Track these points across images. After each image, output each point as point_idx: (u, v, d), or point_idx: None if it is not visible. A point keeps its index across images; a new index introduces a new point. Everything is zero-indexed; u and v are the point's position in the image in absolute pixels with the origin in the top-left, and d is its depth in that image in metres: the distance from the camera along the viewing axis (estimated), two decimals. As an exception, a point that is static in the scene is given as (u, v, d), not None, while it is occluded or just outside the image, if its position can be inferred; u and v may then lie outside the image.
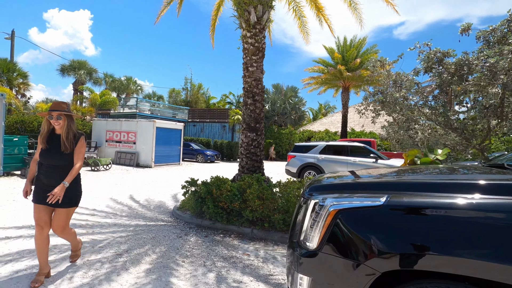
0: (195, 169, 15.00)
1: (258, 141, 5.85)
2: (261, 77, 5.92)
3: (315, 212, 1.74)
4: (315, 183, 2.09)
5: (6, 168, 9.41)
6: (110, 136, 16.37)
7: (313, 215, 1.75)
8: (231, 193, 4.61)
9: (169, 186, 9.08)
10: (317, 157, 10.89)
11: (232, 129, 25.48)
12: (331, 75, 17.31)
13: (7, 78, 18.87)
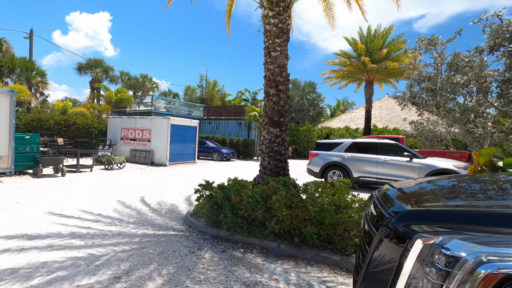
0: (210, 168, 14.40)
1: (283, 137, 5.05)
2: (285, 63, 5.11)
3: (431, 264, 0.93)
4: (408, 205, 1.27)
5: (18, 167, 9.12)
6: (125, 134, 16.06)
7: (426, 268, 0.94)
8: (253, 199, 3.85)
9: (183, 187, 8.46)
10: (343, 156, 9.94)
11: (248, 126, 24.76)
12: (354, 67, 16.16)
13: (26, 77, 19.02)
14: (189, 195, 7.42)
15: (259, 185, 4.11)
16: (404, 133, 25.66)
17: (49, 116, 15.22)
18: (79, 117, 16.78)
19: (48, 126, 14.92)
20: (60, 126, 15.47)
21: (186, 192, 7.79)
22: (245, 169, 14.37)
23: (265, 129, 5.13)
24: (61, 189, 7.34)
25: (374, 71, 16.14)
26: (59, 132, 15.36)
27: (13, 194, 6.42)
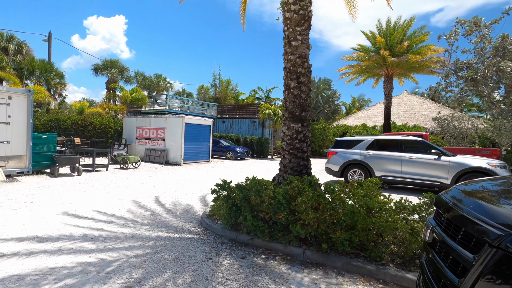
0: (225, 167, 14.16)
1: (305, 133, 4.68)
2: (307, 53, 4.72)
3: None
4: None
5: (35, 166, 9.17)
6: (140, 133, 16.09)
7: None
8: (275, 201, 3.50)
9: (198, 186, 8.23)
10: (364, 154, 9.42)
11: (262, 125, 24.43)
12: (373, 62, 15.47)
13: (45, 79, 19.44)
14: (204, 195, 7.17)
15: (280, 185, 3.76)
16: (425, 130, 24.59)
17: (66, 116, 15.43)
18: (95, 117, 16.96)
19: (65, 126, 15.13)
20: (77, 126, 15.66)
21: (201, 191, 7.54)
22: (260, 168, 14.06)
23: (285, 124, 4.77)
24: (76, 188, 7.26)
25: (394, 65, 15.39)
26: (76, 132, 15.55)
27: (29, 194, 6.36)
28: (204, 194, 7.27)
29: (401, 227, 3.19)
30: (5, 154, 8.55)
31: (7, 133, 8.60)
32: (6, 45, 19.33)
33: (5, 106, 8.55)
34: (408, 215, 3.37)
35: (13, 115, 8.70)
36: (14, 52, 19.51)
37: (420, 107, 30.92)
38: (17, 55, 19.56)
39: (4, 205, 5.35)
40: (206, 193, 7.32)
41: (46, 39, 21.27)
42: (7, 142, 8.59)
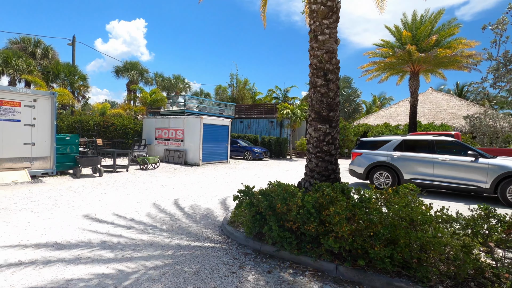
0: (243, 168, 13.94)
1: (333, 135, 4.32)
2: (335, 48, 4.36)
3: None
4: None
5: (59, 168, 9.34)
6: (159, 134, 16.20)
7: None
8: (304, 210, 3.18)
9: (217, 189, 8.03)
10: (391, 155, 8.87)
11: (280, 125, 24.05)
12: (398, 58, 14.68)
13: (69, 81, 20.07)
14: (224, 198, 6.95)
15: (309, 192, 3.43)
16: (453, 129, 23.25)
17: (89, 117, 15.80)
18: (116, 118, 17.28)
19: (88, 127, 15.48)
20: (99, 127, 16.00)
21: (221, 194, 7.33)
22: (280, 169, 13.71)
23: (311, 125, 4.43)
24: (97, 190, 7.26)
25: (421, 61, 14.53)
26: (98, 133, 15.89)
27: (52, 196, 6.40)
28: (224, 197, 7.05)
29: (451, 243, 2.78)
30: (30, 155, 8.75)
31: (32, 135, 8.81)
32: (34, 49, 20.13)
33: (31, 109, 8.75)
34: (458, 230, 2.94)
35: (38, 117, 8.89)
36: (41, 56, 20.28)
37: (446, 105, 29.37)
38: (44, 59, 20.32)
39: (27, 207, 5.36)
40: (226, 196, 7.10)
41: (70, 43, 21.98)
42: (33, 144, 8.79)
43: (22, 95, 8.61)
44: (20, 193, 6.56)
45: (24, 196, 6.27)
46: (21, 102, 8.57)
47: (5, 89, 8.39)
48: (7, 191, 6.68)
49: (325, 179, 4.24)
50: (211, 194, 7.35)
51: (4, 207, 5.32)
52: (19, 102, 8.55)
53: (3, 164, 8.30)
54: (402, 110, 31.16)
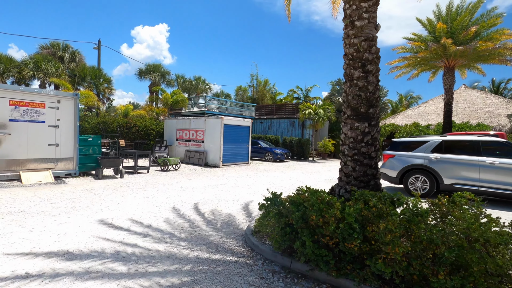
0: (265, 170, 13.47)
1: (373, 135, 3.75)
2: (374, 35, 3.79)
3: None
4: None
5: (82, 169, 9.35)
6: (180, 135, 16.14)
7: None
8: (344, 225, 2.66)
9: (239, 192, 7.62)
10: (429, 157, 8.04)
11: (302, 125, 23.36)
12: (431, 52, 13.58)
13: (95, 84, 20.62)
14: (246, 202, 6.52)
15: (349, 203, 2.90)
16: (491, 129, 21.44)
17: (112, 119, 16.03)
18: (138, 120, 17.44)
19: (112, 128, 15.70)
20: (122, 128, 16.19)
21: (243, 198, 6.91)
22: (303, 171, 13.10)
23: (347, 124, 3.88)
24: (117, 192, 7.08)
25: (458, 55, 13.34)
26: (121, 134, 16.07)
27: (71, 198, 6.27)
28: (246, 202, 6.62)
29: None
30: (54, 156, 8.81)
31: (56, 136, 8.86)
32: (62, 54, 20.88)
33: (55, 110, 8.81)
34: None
35: (62, 118, 8.94)
36: (68, 60, 21.01)
37: (482, 103, 27.29)
38: (71, 63, 21.02)
39: (46, 210, 5.22)
40: (248, 201, 6.67)
41: (96, 47, 22.62)
42: (56, 145, 8.84)
43: (47, 97, 8.68)
44: (41, 194, 6.51)
45: (45, 197, 6.19)
46: (46, 104, 8.64)
47: (31, 91, 8.50)
48: (30, 192, 6.65)
49: (363, 186, 3.68)
50: (233, 198, 6.95)
51: (23, 209, 5.21)
52: (44, 104, 8.62)
53: (28, 165, 8.39)
54: (432, 109, 29.33)
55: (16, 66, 18.06)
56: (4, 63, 17.59)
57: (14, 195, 6.37)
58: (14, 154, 8.11)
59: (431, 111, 28.96)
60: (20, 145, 8.20)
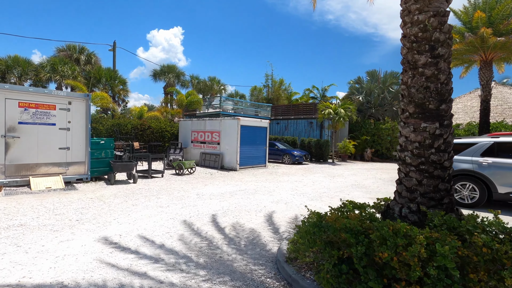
0: (284, 173, 12.66)
1: (446, 138, 2.89)
2: (445, 9, 2.95)
3: None
4: None
5: (94, 173, 8.89)
6: (195, 136, 15.59)
7: None
8: (435, 270, 1.84)
9: (260, 200, 6.86)
10: (478, 162, 7.00)
11: (320, 126, 22.37)
12: (466, 44, 12.36)
13: (110, 85, 20.47)
14: (269, 213, 5.75)
15: (434, 234, 2.08)
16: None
17: (127, 121, 15.69)
18: (153, 121, 17.05)
19: (126, 131, 15.35)
20: (137, 130, 15.82)
21: (265, 208, 6.15)
22: (325, 175, 12.18)
23: (408, 125, 3.04)
24: (128, 200, 6.50)
25: (498, 47, 12.07)
26: (136, 136, 15.70)
27: (79, 208, 5.71)
28: (269, 212, 5.86)
29: None
30: (65, 160, 8.37)
31: (67, 139, 8.42)
32: (78, 56, 20.88)
33: (65, 112, 8.38)
34: None
35: (73, 120, 8.49)
36: (84, 62, 20.98)
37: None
38: (87, 65, 20.98)
39: (48, 223, 4.66)
40: (271, 211, 5.91)
41: (111, 48, 22.54)
42: (67, 148, 8.40)
43: (57, 98, 8.25)
44: (48, 203, 5.99)
45: (51, 207, 5.66)
46: (56, 105, 8.22)
47: (40, 92, 8.09)
48: (36, 200, 6.16)
49: (434, 205, 2.83)
50: (254, 207, 6.20)
51: (24, 222, 4.67)
52: (54, 105, 8.19)
53: (38, 170, 7.97)
54: (459, 107, 27.51)
55: (33, 69, 18.12)
56: (22, 66, 17.67)
57: (20, 203, 5.88)
58: (23, 158, 7.70)
59: (459, 110, 27.19)
60: (30, 149, 7.79)
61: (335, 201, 7.01)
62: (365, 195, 8.19)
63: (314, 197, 7.65)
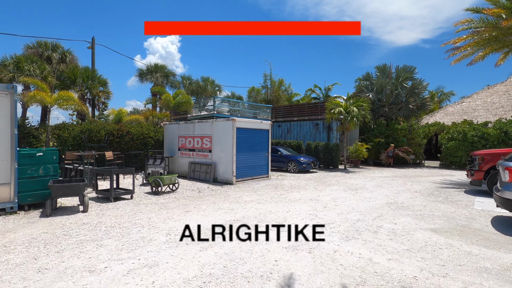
0: (292, 186, 9.99)
1: None
2: None
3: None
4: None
5: (26, 199, 6.21)
6: (183, 143, 12.94)
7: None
8: None
9: (268, 244, 4.18)
10: None
11: (327, 128, 19.77)
12: (508, 26, 9.86)
13: (87, 87, 17.85)
14: (286, 279, 3.08)
15: None
16: None
17: (100, 126, 13.03)
18: (133, 126, 14.39)
19: (99, 138, 12.68)
20: (113, 137, 13.15)
21: (278, 267, 3.47)
22: (343, 188, 9.44)
23: None
24: (50, 254, 3.83)
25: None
26: (111, 144, 13.03)
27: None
28: (286, 277, 3.19)
29: None
30: (-23, 182, 5.70)
31: (-19, 151, 5.77)
32: (50, 54, 18.29)
33: (-23, 111, 5.74)
34: None
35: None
36: (58, 61, 18.39)
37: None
38: (61, 64, 18.38)
39: None
40: (290, 275, 3.23)
41: (89, 46, 19.99)
42: (-19, 165, 5.74)
43: (-37, 91, 5.62)
44: None
45: None
46: (-40, 102, 5.58)
47: None
48: None
49: None
50: (259, 266, 3.52)
51: None
52: (-42, 102, 5.56)
53: None
54: (478, 104, 25.03)
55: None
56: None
57: None
58: None
59: (478, 107, 24.70)
60: None
61: (384, 240, 4.35)
62: (419, 223, 5.56)
63: (348, 230, 5.00)
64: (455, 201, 7.91)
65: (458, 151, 17.59)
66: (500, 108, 23.34)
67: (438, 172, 15.99)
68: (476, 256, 3.98)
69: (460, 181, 11.91)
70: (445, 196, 8.63)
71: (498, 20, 10.99)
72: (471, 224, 5.61)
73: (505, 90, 24.82)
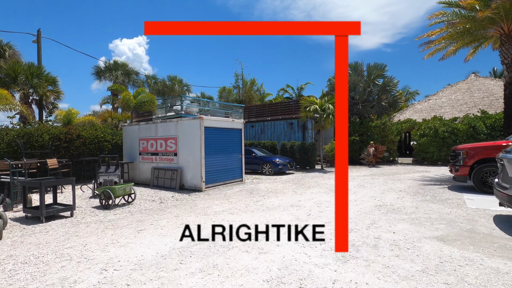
0: (269, 190, 8.92)
1: None
2: None
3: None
4: None
5: None
6: (144, 146, 11.38)
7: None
8: None
9: (243, 275, 3.03)
10: None
11: (302, 127, 19.10)
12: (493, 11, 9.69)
13: (31, 85, 15.50)
14: None
15: None
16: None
17: (43, 129, 11.06)
18: (85, 129, 12.50)
19: (41, 143, 10.72)
20: (59, 141, 11.23)
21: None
22: (324, 190, 8.54)
23: None
24: None
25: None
26: (57, 150, 11.12)
27: None
28: None
29: None
30: None
31: None
32: (-16, 48, 15.69)
33: None
34: None
35: None
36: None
37: (502, 92, 24.03)
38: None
39: None
40: None
41: (35, 40, 17.58)
42: None
43: None
44: None
45: None
46: None
47: None
48: None
49: None
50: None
51: None
52: None
53: None
54: (444, 101, 25.91)
55: None
56: None
57: None
58: None
59: (444, 104, 25.52)
60: None
61: (389, 258, 3.38)
62: (420, 229, 4.72)
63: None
64: (445, 199, 7.31)
65: (430, 147, 17.71)
66: (464, 104, 24.27)
67: (413, 168, 15.86)
68: (507, 274, 3.14)
69: (439, 177, 11.61)
70: (432, 194, 8.05)
71: (470, 12, 10.84)
72: (476, 228, 4.88)
73: (467, 87, 25.93)
